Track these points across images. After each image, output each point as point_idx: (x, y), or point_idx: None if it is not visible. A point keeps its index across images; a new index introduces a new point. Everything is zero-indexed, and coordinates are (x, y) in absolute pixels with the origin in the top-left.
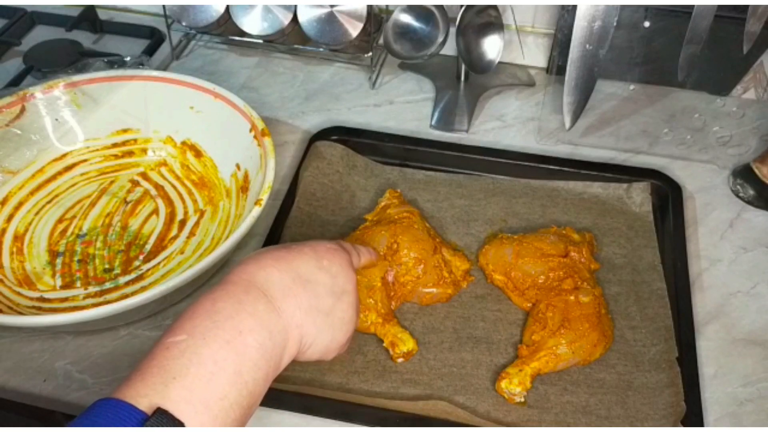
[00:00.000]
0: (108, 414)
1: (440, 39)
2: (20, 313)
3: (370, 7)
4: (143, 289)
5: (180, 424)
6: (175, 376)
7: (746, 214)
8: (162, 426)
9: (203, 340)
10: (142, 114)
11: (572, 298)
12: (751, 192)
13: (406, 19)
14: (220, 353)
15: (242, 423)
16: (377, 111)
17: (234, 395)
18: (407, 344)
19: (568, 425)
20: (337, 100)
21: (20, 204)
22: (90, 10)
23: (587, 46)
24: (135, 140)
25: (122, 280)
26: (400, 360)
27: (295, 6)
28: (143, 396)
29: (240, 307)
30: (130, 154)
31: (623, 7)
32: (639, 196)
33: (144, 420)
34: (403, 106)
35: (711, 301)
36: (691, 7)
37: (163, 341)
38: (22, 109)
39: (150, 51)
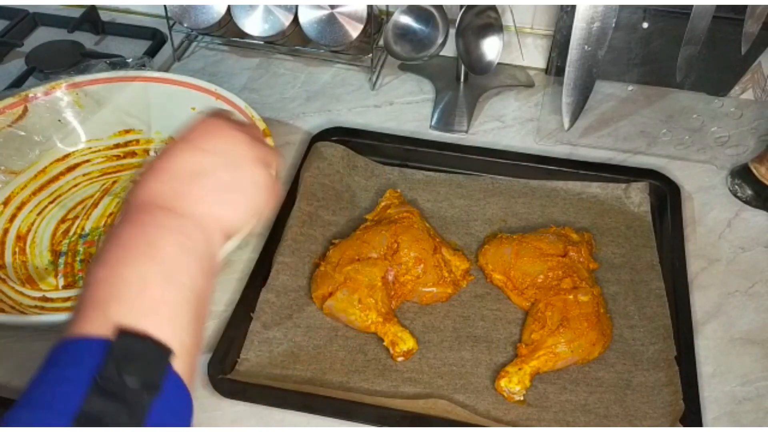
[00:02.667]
0: (70, 354)
1: (440, 40)
2: (23, 313)
3: (370, 9)
4: None
5: (141, 335)
6: (108, 301)
7: (744, 214)
8: (127, 343)
9: (122, 265)
10: (145, 115)
11: (571, 297)
12: (749, 192)
13: (406, 20)
14: (142, 268)
15: (201, 317)
16: (377, 112)
17: (174, 296)
18: (407, 343)
19: (567, 424)
20: (337, 101)
21: (23, 204)
22: (92, 11)
23: (586, 47)
24: (137, 141)
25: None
26: (400, 359)
27: (296, 7)
28: (90, 329)
29: (142, 226)
30: (133, 154)
31: (622, 8)
32: (637, 196)
33: (109, 344)
34: (403, 106)
35: (709, 300)
36: (690, 8)
37: (86, 281)
38: (25, 110)
39: (152, 52)
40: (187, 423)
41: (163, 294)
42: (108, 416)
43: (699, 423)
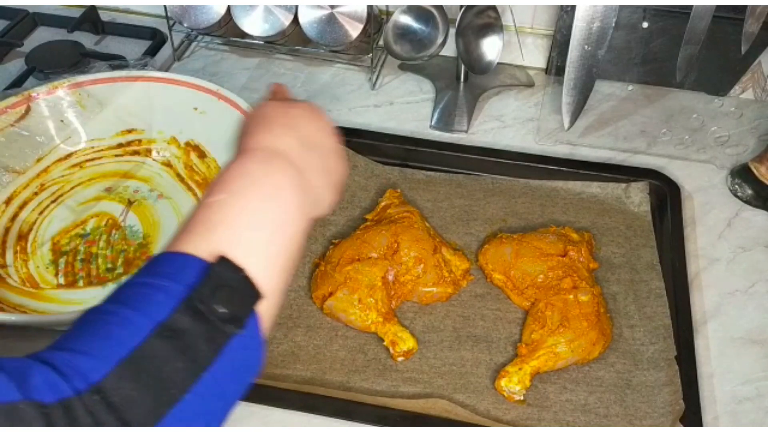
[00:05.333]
0: (170, 266)
1: (440, 40)
2: (23, 312)
3: (370, 8)
4: None
5: (240, 270)
6: (217, 225)
7: (744, 214)
8: (226, 272)
9: (243, 196)
10: (146, 115)
11: (571, 297)
12: (749, 191)
13: (406, 20)
14: (262, 205)
15: (287, 272)
16: (377, 111)
17: (280, 242)
18: (407, 343)
19: (567, 424)
20: (337, 101)
21: (24, 203)
22: (92, 11)
23: (586, 46)
24: (139, 141)
25: (124, 279)
26: (400, 359)
27: (296, 7)
28: (193, 248)
29: (271, 168)
30: (135, 154)
31: (622, 8)
32: (637, 196)
33: (209, 268)
34: (403, 106)
35: (709, 300)
36: (690, 7)
37: (203, 202)
38: (27, 110)
39: (152, 52)
40: (255, 370)
41: (272, 237)
42: (189, 335)
43: (699, 423)
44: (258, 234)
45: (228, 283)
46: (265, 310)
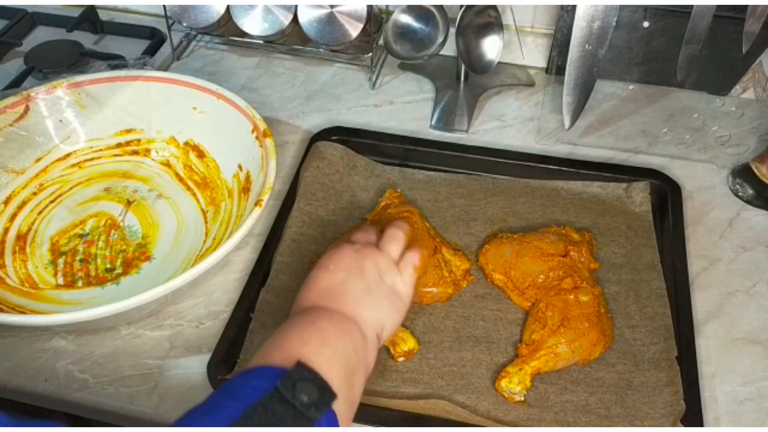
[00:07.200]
0: (256, 373)
1: (440, 39)
2: (23, 313)
3: (370, 8)
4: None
5: (311, 369)
6: (272, 351)
7: (745, 214)
8: (302, 371)
9: (286, 333)
10: (146, 114)
11: (572, 297)
12: (750, 191)
13: (406, 19)
14: (303, 332)
15: (349, 377)
16: (377, 111)
17: (328, 354)
18: (408, 343)
19: (568, 424)
20: (337, 101)
21: (23, 203)
22: (91, 10)
23: (586, 46)
24: (138, 141)
25: (123, 279)
26: (400, 359)
27: (296, 6)
28: (272, 358)
29: (302, 315)
30: (134, 154)
31: (622, 8)
32: (638, 196)
33: (286, 372)
34: (403, 106)
35: (710, 300)
36: (690, 7)
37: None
38: (26, 109)
39: (151, 51)
40: None
41: (319, 350)
42: (277, 416)
43: (700, 423)
44: (306, 350)
45: (306, 378)
46: (339, 412)
